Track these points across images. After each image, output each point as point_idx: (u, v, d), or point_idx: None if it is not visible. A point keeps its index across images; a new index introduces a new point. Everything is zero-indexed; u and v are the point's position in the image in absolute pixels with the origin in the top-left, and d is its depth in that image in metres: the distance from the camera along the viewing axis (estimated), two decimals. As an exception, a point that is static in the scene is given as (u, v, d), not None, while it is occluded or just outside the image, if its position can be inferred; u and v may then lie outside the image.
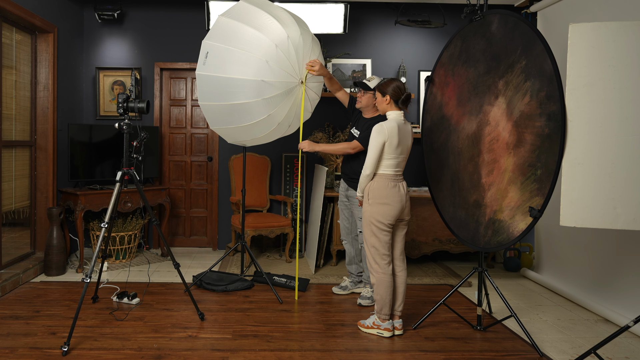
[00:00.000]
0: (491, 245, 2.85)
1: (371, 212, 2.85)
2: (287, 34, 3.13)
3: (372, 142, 2.83)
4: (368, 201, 2.87)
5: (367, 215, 2.87)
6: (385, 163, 2.85)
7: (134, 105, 3.02)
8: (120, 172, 3.00)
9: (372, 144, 2.83)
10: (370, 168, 2.85)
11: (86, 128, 4.48)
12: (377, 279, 2.87)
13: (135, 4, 5.03)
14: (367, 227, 2.88)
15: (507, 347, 2.82)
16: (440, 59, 3.34)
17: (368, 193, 2.87)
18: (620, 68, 2.42)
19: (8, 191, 3.86)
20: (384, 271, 2.86)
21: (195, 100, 5.19)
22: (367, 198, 2.88)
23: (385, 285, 2.86)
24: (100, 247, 2.87)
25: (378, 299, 2.89)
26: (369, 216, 2.86)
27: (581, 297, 3.58)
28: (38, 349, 2.64)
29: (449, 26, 5.02)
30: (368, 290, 3.48)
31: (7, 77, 3.82)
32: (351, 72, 5.09)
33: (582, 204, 2.49)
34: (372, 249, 2.88)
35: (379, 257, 2.87)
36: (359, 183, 2.93)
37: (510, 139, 2.78)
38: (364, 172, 2.87)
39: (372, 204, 2.85)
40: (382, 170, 2.86)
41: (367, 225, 2.88)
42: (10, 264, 3.87)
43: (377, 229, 2.85)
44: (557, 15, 4.00)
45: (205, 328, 3.00)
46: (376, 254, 2.87)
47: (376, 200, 2.84)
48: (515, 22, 2.75)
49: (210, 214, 5.25)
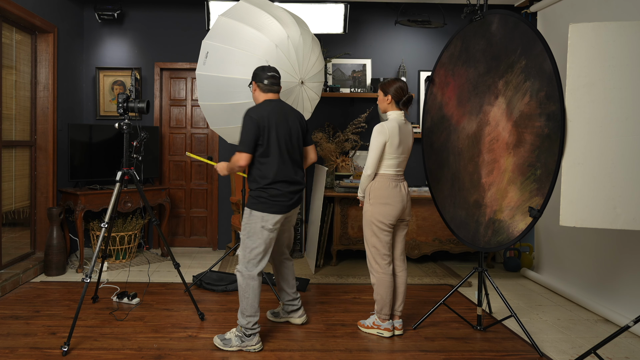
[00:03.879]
0: (491, 245, 2.85)
1: (372, 212, 2.85)
2: (287, 34, 3.13)
3: (374, 142, 2.83)
4: (369, 201, 2.86)
5: (369, 215, 2.87)
6: (387, 163, 2.85)
7: (134, 105, 3.02)
8: (120, 172, 3.00)
9: (373, 143, 2.83)
10: (371, 168, 2.84)
11: (86, 128, 4.48)
12: (377, 279, 2.87)
13: (135, 4, 5.03)
14: (368, 227, 2.88)
15: (507, 347, 2.82)
16: (441, 59, 3.34)
17: (369, 193, 2.87)
18: (620, 68, 2.42)
19: (8, 191, 3.86)
20: (384, 271, 2.86)
21: (195, 100, 5.19)
22: (368, 198, 2.87)
23: (385, 285, 2.86)
24: (100, 247, 2.87)
25: (378, 299, 2.89)
26: (370, 216, 2.86)
27: (581, 297, 3.58)
28: (38, 349, 2.64)
29: (449, 26, 5.02)
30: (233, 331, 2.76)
31: (7, 77, 3.82)
32: (351, 72, 5.09)
33: (582, 204, 2.49)
34: (373, 248, 2.88)
35: (380, 257, 2.87)
36: (360, 183, 2.93)
37: (510, 139, 2.78)
38: (365, 172, 2.86)
39: (373, 203, 2.85)
40: (383, 170, 2.86)
41: (368, 225, 2.88)
42: (10, 264, 3.87)
43: (378, 229, 2.84)
44: (557, 15, 4.00)
45: (205, 328, 3.00)
46: (377, 253, 2.87)
47: (377, 200, 2.84)
48: (515, 22, 2.75)
49: (210, 214, 5.25)
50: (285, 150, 2.71)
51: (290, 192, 2.75)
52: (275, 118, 2.68)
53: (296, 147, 2.79)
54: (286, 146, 2.72)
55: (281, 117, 2.72)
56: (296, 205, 2.83)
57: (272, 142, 2.67)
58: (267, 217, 2.68)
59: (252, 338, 2.67)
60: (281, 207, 2.71)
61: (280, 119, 2.71)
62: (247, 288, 2.68)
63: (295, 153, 2.79)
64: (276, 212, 2.69)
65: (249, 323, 2.66)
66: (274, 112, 2.69)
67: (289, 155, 2.73)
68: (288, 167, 2.73)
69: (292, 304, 3.05)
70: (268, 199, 2.69)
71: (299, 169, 2.82)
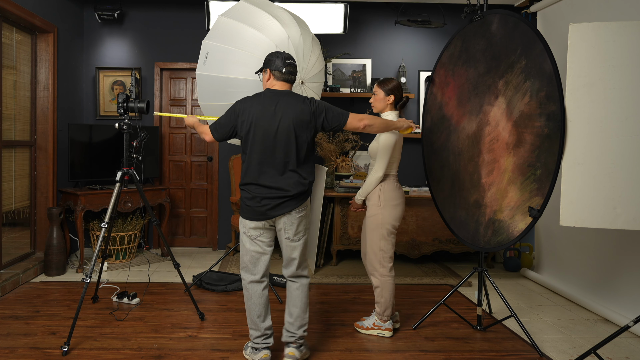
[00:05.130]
0: (491, 245, 2.85)
1: (385, 215, 2.81)
2: (287, 34, 3.13)
3: (386, 144, 2.77)
4: (380, 204, 2.81)
5: (381, 219, 2.81)
6: (393, 165, 2.86)
7: (134, 105, 3.02)
8: (120, 172, 3.00)
9: (385, 145, 2.77)
10: (383, 170, 2.79)
11: (86, 128, 4.48)
12: (383, 282, 2.85)
13: (135, 4, 5.03)
14: (377, 230, 2.82)
15: (507, 347, 2.82)
16: (441, 59, 3.34)
17: (380, 195, 2.82)
18: (620, 68, 2.42)
19: (8, 191, 3.86)
20: (390, 274, 2.85)
21: (195, 100, 5.19)
22: (378, 201, 2.82)
23: (390, 288, 2.85)
24: (100, 247, 2.87)
25: (382, 301, 2.87)
26: (382, 219, 2.81)
27: (581, 297, 3.58)
28: (38, 349, 2.64)
29: (449, 26, 5.02)
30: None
31: (7, 77, 3.82)
32: (351, 72, 5.09)
33: (582, 204, 2.49)
34: (380, 252, 2.84)
35: (387, 260, 2.85)
36: (368, 185, 2.84)
37: (510, 139, 2.78)
38: (376, 175, 2.80)
39: (385, 206, 2.81)
40: (391, 171, 2.86)
41: (378, 228, 2.82)
42: (10, 264, 3.87)
43: (388, 232, 2.83)
44: (557, 15, 4.00)
45: (205, 328, 3.00)
46: (384, 257, 2.84)
47: (389, 203, 2.81)
48: (515, 22, 2.75)
49: (210, 214, 5.25)
50: (266, 149, 2.37)
51: (266, 197, 2.37)
52: (261, 111, 2.37)
53: (283, 147, 2.37)
54: (267, 144, 2.37)
55: (270, 111, 2.37)
56: (277, 214, 2.40)
57: (251, 138, 2.38)
58: (244, 223, 2.46)
59: (257, 352, 2.49)
60: (254, 212, 2.40)
61: (268, 113, 2.37)
62: (245, 296, 2.52)
63: (280, 153, 2.38)
64: (250, 219, 2.42)
65: (251, 336, 2.51)
66: (263, 104, 2.39)
67: (271, 155, 2.38)
68: (267, 169, 2.38)
69: (288, 333, 2.53)
70: (244, 201, 2.45)
71: (287, 172, 2.39)
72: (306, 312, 2.53)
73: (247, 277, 2.50)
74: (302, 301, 2.52)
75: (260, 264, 2.48)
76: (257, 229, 2.44)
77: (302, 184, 2.43)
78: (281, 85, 2.47)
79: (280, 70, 2.44)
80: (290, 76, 2.47)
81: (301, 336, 2.52)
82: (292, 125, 2.38)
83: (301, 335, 2.52)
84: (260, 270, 2.48)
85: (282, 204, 2.40)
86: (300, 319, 2.51)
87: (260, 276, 2.49)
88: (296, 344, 2.52)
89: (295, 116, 2.39)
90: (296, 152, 2.40)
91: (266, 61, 2.50)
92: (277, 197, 2.38)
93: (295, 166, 2.41)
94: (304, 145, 2.43)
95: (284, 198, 2.39)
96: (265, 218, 2.41)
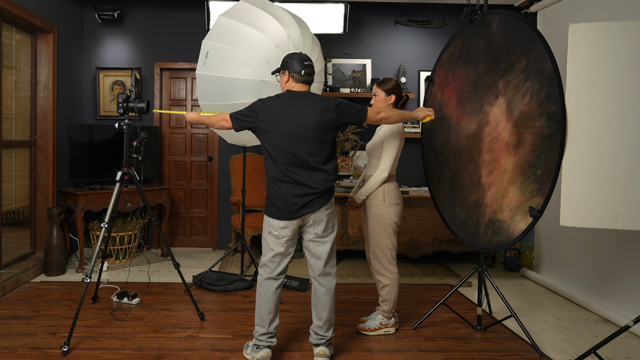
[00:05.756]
0: (491, 246, 2.85)
1: (389, 213, 2.85)
2: (287, 34, 3.13)
3: (393, 144, 2.83)
4: (384, 203, 2.85)
5: (386, 218, 2.85)
6: (395, 165, 2.90)
7: (134, 105, 3.02)
8: (120, 172, 3.00)
9: (392, 145, 2.83)
10: (388, 169, 2.84)
11: (86, 128, 4.48)
12: (392, 280, 2.88)
13: (135, 4, 5.03)
14: (384, 229, 2.86)
15: (507, 347, 2.82)
16: (440, 59, 3.34)
17: (384, 195, 2.86)
18: (620, 68, 2.42)
19: (8, 191, 3.86)
20: (397, 270, 2.91)
21: (195, 100, 5.19)
22: (382, 200, 2.85)
23: (397, 285, 2.90)
24: (100, 247, 2.87)
25: (390, 299, 2.90)
26: (388, 218, 2.85)
27: (581, 297, 3.58)
28: (38, 349, 2.64)
29: (449, 26, 5.02)
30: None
31: (7, 77, 3.82)
32: (351, 72, 5.09)
33: (582, 204, 2.49)
34: (388, 250, 2.87)
35: (394, 257, 2.90)
36: (372, 185, 2.85)
37: (510, 139, 2.78)
38: (382, 175, 2.83)
39: (389, 205, 2.86)
40: (393, 171, 2.91)
41: (385, 227, 2.85)
42: (10, 264, 3.87)
43: (393, 230, 2.88)
44: (557, 15, 4.00)
45: (205, 328, 3.00)
46: (392, 254, 2.89)
47: (392, 202, 2.87)
48: (515, 22, 2.75)
49: (210, 214, 5.25)
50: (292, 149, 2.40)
51: (295, 195, 2.42)
52: (284, 113, 2.41)
53: (309, 146, 2.41)
54: (294, 145, 2.40)
55: (293, 112, 2.42)
56: (306, 212, 2.45)
57: (276, 139, 2.40)
58: (272, 222, 2.48)
59: (258, 351, 2.51)
60: (284, 212, 2.44)
61: (292, 115, 2.41)
62: (258, 291, 2.54)
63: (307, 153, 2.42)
64: (279, 218, 2.45)
65: (256, 332, 2.53)
66: (286, 106, 2.43)
67: (297, 155, 2.41)
68: (294, 169, 2.42)
69: (317, 336, 2.59)
70: (271, 201, 2.47)
71: (314, 171, 2.44)
72: (333, 313, 2.62)
73: (265, 274, 2.53)
74: (330, 304, 2.59)
75: (282, 264, 2.54)
76: (286, 229, 2.47)
77: (329, 180, 2.49)
78: (300, 87, 2.52)
79: (300, 73, 2.49)
80: (309, 77, 2.51)
81: (330, 337, 2.61)
82: (316, 125, 2.43)
83: (331, 336, 2.61)
84: (280, 269, 2.54)
85: (311, 202, 2.45)
86: (329, 322, 2.58)
87: (277, 274, 2.54)
88: (326, 343, 2.60)
89: (319, 116, 2.44)
90: (321, 151, 2.46)
91: (284, 63, 2.53)
92: (307, 195, 2.44)
93: (321, 164, 2.46)
94: (328, 143, 2.49)
95: (313, 195, 2.44)
96: (296, 217, 2.46)
